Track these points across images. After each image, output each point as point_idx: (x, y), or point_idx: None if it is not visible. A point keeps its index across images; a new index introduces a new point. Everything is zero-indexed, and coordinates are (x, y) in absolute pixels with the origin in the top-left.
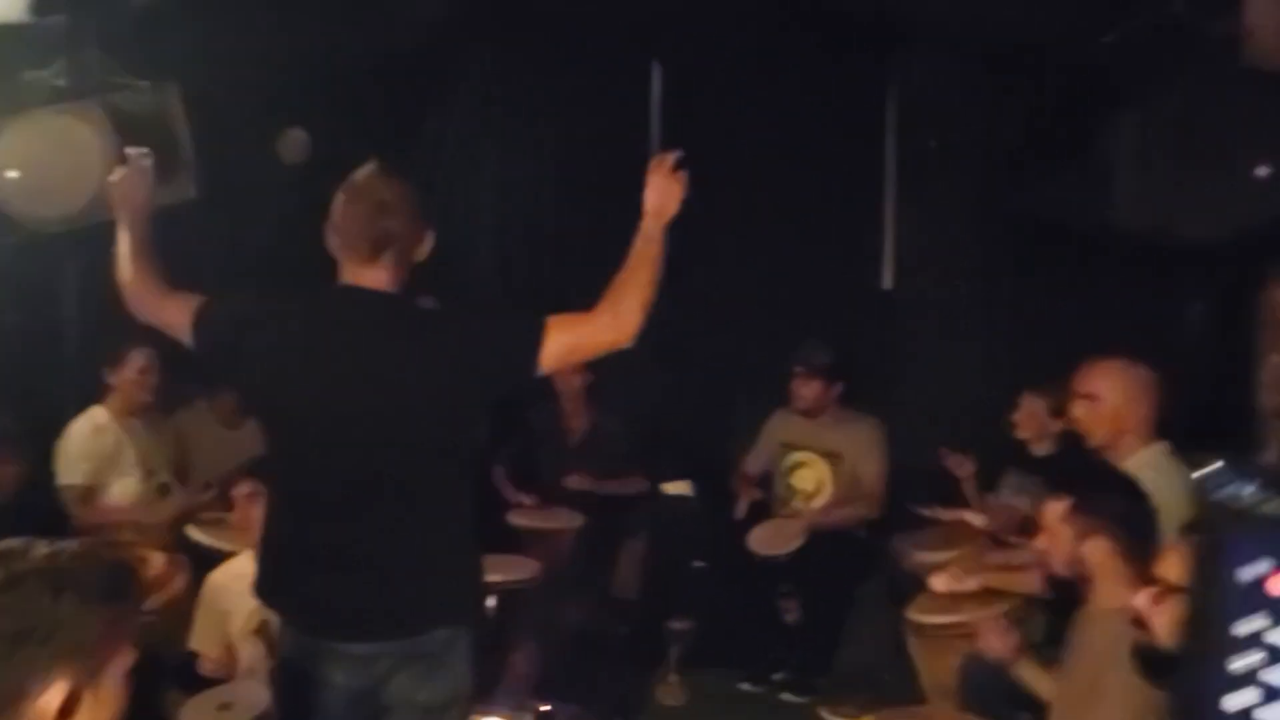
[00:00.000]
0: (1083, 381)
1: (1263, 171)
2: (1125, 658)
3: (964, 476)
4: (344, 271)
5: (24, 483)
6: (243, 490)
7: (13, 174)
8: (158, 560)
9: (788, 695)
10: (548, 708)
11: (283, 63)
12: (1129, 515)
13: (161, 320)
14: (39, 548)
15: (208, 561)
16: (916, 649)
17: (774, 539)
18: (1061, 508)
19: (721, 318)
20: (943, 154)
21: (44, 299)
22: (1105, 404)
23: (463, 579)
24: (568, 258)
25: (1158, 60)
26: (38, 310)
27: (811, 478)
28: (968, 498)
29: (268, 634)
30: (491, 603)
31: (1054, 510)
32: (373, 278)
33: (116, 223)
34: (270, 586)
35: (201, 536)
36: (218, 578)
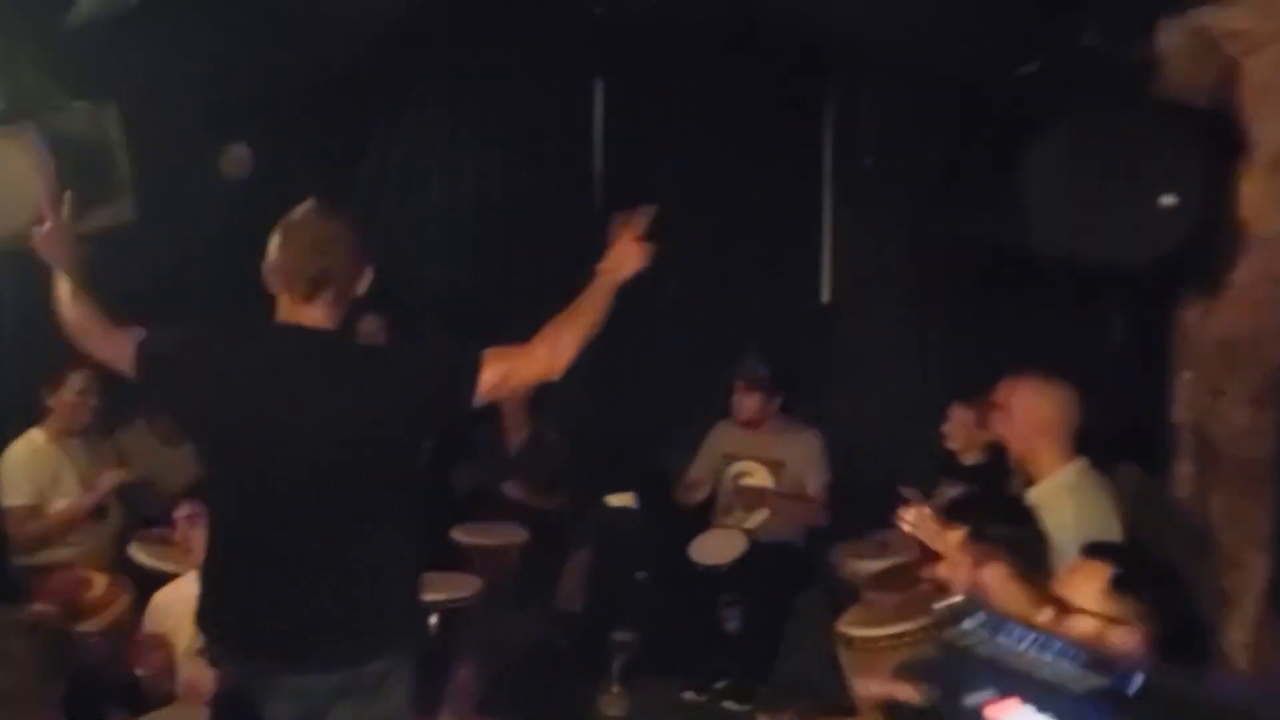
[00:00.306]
0: (1002, 397)
1: (1169, 200)
2: None
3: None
4: (282, 308)
5: None
6: (183, 512)
7: None
8: (100, 582)
9: (729, 703)
10: None
11: (222, 80)
12: (1021, 541)
13: (103, 355)
14: None
15: (151, 582)
16: (847, 660)
17: (715, 549)
18: (958, 536)
19: (664, 330)
20: (878, 173)
21: None
22: (1023, 420)
23: (402, 609)
24: (513, 273)
25: (1072, 90)
26: None
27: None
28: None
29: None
30: (434, 621)
31: (950, 539)
32: (311, 315)
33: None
34: (211, 619)
35: (144, 558)
36: (161, 599)
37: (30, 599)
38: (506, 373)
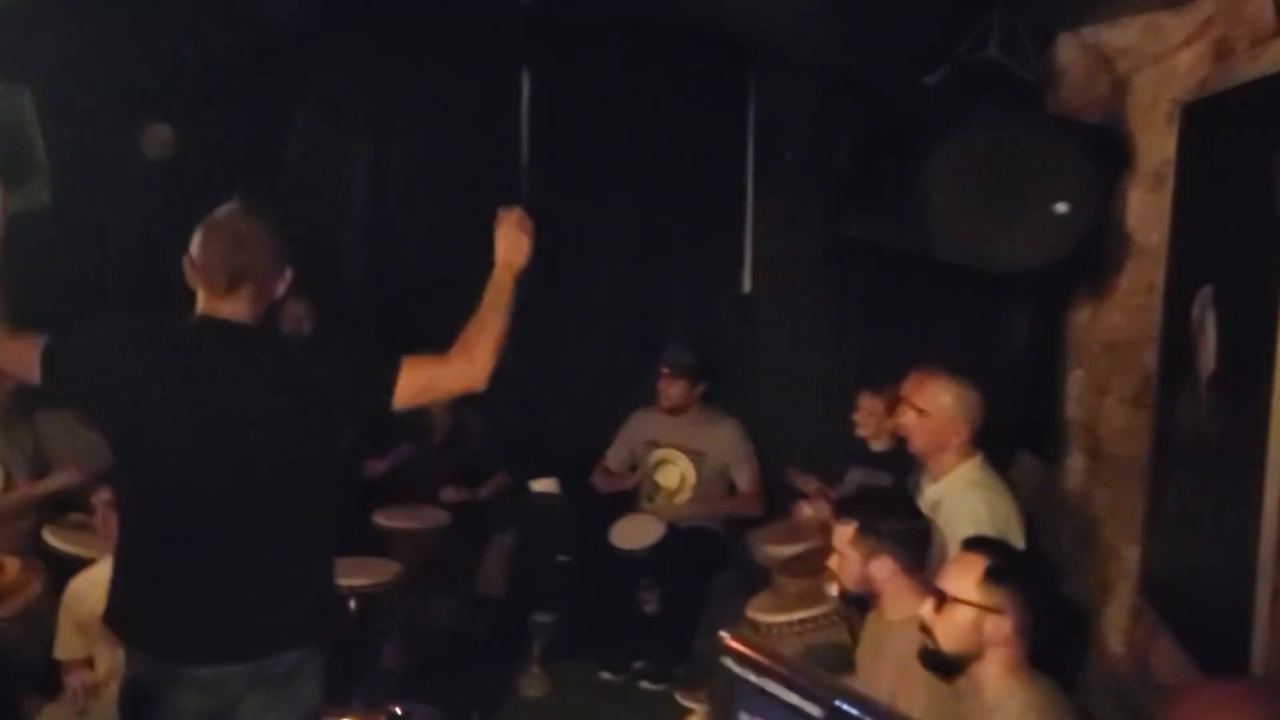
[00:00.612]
0: (912, 393)
1: (1062, 208)
2: (916, 661)
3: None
4: (202, 302)
5: None
6: (103, 497)
7: None
8: (12, 566)
9: (645, 683)
10: (399, 710)
11: (141, 61)
12: (907, 535)
13: (6, 363)
14: None
15: (66, 567)
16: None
17: (635, 534)
18: (849, 531)
19: (587, 318)
20: (796, 167)
21: None
22: (932, 418)
23: (315, 600)
24: (439, 259)
25: (972, 100)
26: None
27: (675, 474)
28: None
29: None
30: (353, 606)
31: (842, 534)
32: (230, 309)
33: None
34: (121, 612)
35: (58, 543)
36: (77, 585)
37: None
38: (426, 384)
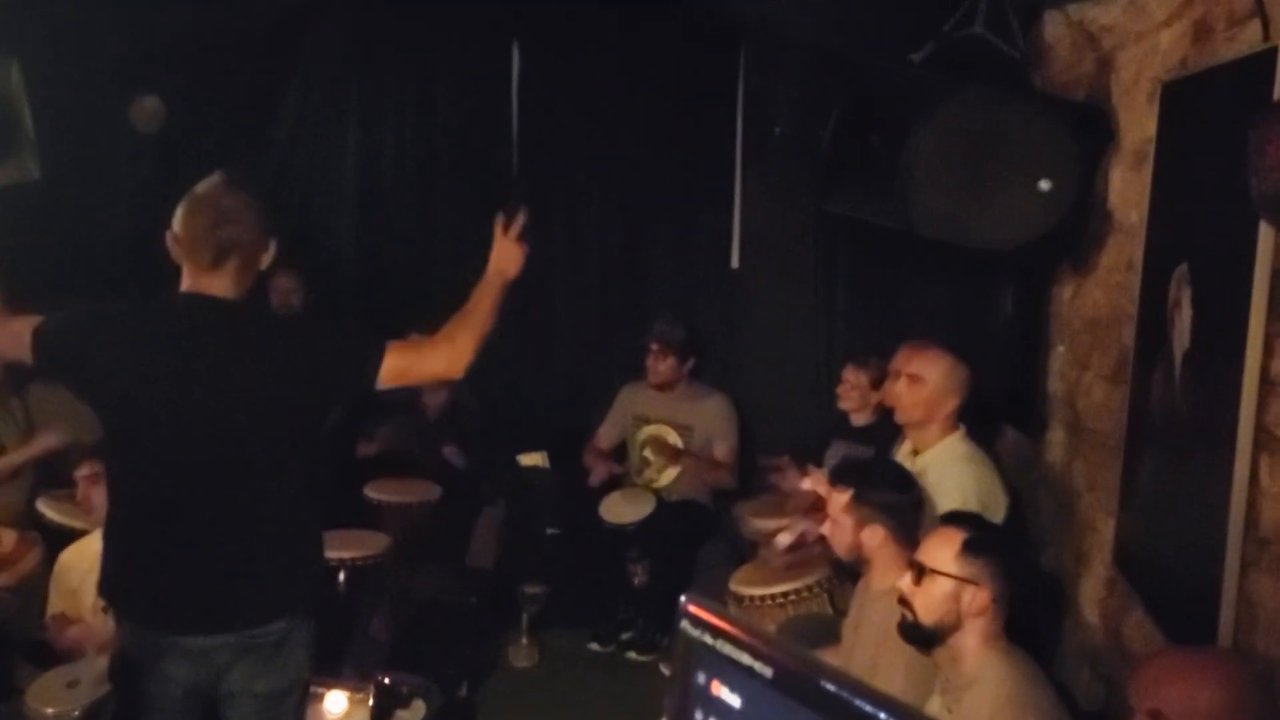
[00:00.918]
0: (904, 363)
1: (1045, 185)
2: (895, 633)
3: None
4: (187, 278)
5: None
6: (83, 472)
7: None
8: (8, 537)
9: (633, 654)
10: (388, 680)
11: (131, 32)
12: (900, 505)
13: (2, 344)
14: None
15: (61, 538)
16: (738, 617)
17: (624, 509)
18: (843, 498)
19: (576, 292)
20: (785, 143)
21: None
22: (927, 388)
23: (302, 571)
24: (429, 234)
25: (957, 78)
26: None
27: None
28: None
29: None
30: (343, 578)
31: (836, 500)
32: (216, 285)
33: None
34: (114, 581)
35: (52, 514)
36: (68, 556)
37: None
38: (407, 366)
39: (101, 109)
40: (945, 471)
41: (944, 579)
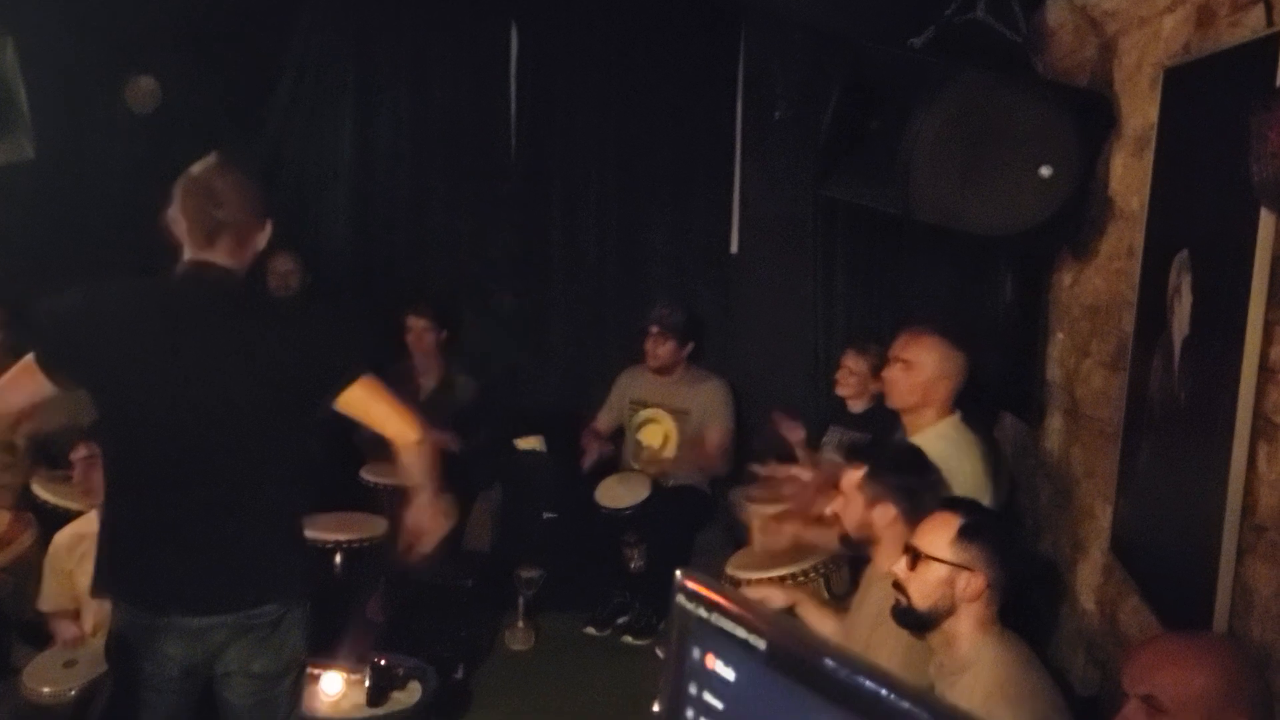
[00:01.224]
0: (903, 348)
1: (1046, 171)
2: (890, 616)
3: (795, 440)
4: (186, 255)
5: None
6: (80, 454)
7: None
8: (3, 518)
9: (629, 638)
10: (384, 661)
11: (127, 11)
12: (915, 486)
13: (20, 401)
14: None
15: (55, 519)
16: None
17: (621, 493)
18: (857, 475)
19: (574, 276)
20: (785, 127)
21: None
22: (921, 373)
23: (298, 553)
24: (426, 215)
25: (957, 62)
26: None
27: (659, 433)
28: (799, 456)
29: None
30: (339, 560)
31: (850, 477)
32: (213, 258)
33: None
34: (110, 562)
35: (47, 495)
36: (62, 537)
37: None
38: (367, 406)
39: (97, 89)
40: (939, 457)
41: (939, 564)
